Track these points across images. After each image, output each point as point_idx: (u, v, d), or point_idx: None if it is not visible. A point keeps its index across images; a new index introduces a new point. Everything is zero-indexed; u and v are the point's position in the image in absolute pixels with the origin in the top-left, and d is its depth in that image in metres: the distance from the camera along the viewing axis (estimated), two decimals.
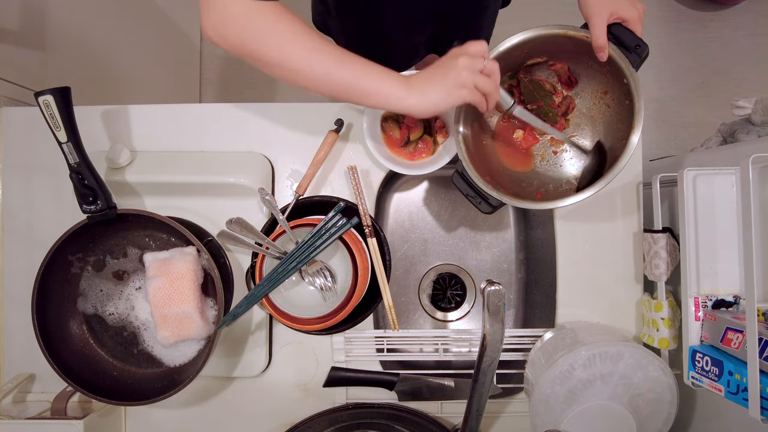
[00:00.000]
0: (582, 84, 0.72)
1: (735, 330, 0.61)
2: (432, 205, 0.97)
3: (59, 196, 0.78)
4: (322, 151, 0.75)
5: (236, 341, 0.77)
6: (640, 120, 0.60)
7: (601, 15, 0.60)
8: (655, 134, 1.73)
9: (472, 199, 0.69)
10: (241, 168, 0.76)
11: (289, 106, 0.80)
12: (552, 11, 1.75)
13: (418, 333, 0.78)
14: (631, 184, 0.78)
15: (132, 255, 0.75)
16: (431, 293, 0.97)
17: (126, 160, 0.75)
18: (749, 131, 0.95)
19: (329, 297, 0.72)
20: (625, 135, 0.61)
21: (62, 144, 0.66)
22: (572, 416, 0.66)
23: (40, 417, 0.73)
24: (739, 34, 1.75)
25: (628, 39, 0.62)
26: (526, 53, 0.68)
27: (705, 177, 0.67)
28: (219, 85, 1.81)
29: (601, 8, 0.60)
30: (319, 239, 0.68)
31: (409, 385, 0.77)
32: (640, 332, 0.76)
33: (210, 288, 0.75)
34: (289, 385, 0.78)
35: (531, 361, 0.73)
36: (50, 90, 0.64)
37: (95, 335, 0.74)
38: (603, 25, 0.60)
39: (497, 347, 0.52)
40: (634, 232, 0.77)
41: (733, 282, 0.67)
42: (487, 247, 0.97)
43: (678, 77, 1.74)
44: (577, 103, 0.73)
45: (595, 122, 0.72)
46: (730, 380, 0.60)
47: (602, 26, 0.60)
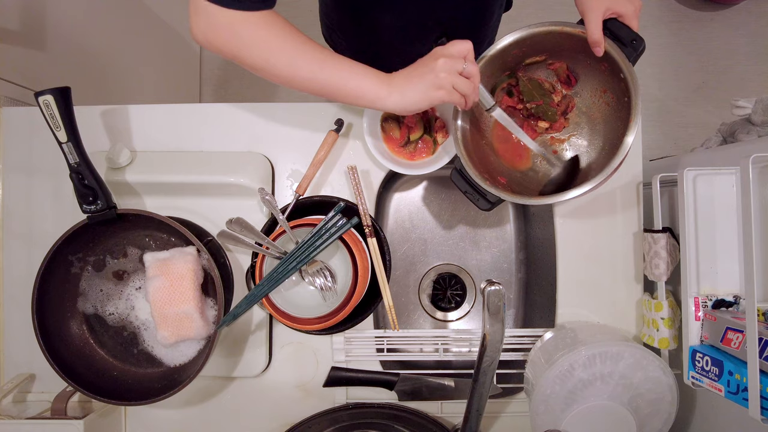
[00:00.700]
0: (582, 83, 0.71)
1: (735, 330, 0.61)
2: (432, 204, 0.97)
3: (59, 196, 0.78)
4: (322, 151, 0.75)
5: (236, 341, 0.77)
6: (637, 112, 0.60)
7: (597, 10, 0.60)
8: (655, 134, 1.73)
9: (470, 196, 0.70)
10: (241, 168, 0.76)
11: (289, 106, 0.80)
12: (553, 10, 1.75)
13: (418, 333, 0.78)
14: (631, 184, 0.78)
15: (132, 255, 0.75)
16: (431, 293, 0.97)
17: (126, 160, 0.75)
18: (749, 131, 0.96)
19: (329, 297, 0.72)
20: (624, 132, 0.61)
21: (62, 144, 0.66)
22: (572, 416, 0.66)
23: (40, 417, 0.73)
24: (739, 34, 1.75)
25: (625, 34, 0.61)
26: (524, 52, 0.68)
27: (705, 177, 0.67)
28: (219, 85, 1.81)
29: (596, 3, 0.60)
30: (319, 239, 0.68)
31: (409, 385, 0.77)
32: (640, 332, 0.76)
33: (210, 288, 0.75)
34: (289, 385, 0.78)
35: (531, 361, 0.73)
36: (50, 90, 0.64)
37: (95, 335, 0.74)
38: (598, 20, 0.60)
39: (497, 347, 0.52)
40: (634, 232, 0.77)
41: (733, 282, 0.67)
42: (487, 246, 0.97)
43: (678, 77, 1.74)
44: (577, 102, 0.73)
45: (595, 121, 0.72)
46: (730, 380, 0.60)
47: (597, 21, 0.60)
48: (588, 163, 0.72)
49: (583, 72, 0.70)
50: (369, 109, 0.75)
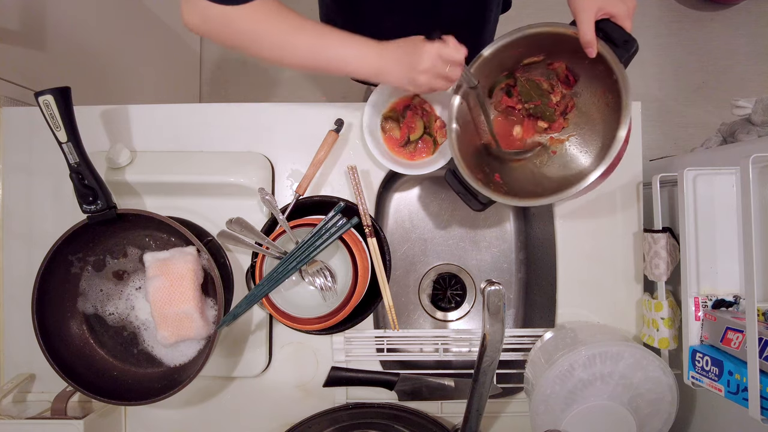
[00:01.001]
0: (582, 83, 0.71)
1: (735, 330, 0.61)
2: (432, 204, 0.97)
3: (59, 196, 0.78)
4: (322, 151, 0.75)
5: (236, 341, 0.77)
6: (627, 113, 0.59)
7: (588, 10, 0.59)
8: (655, 134, 1.73)
9: (462, 196, 0.71)
10: (241, 168, 0.76)
11: (289, 106, 0.80)
12: (553, 11, 1.74)
13: (418, 333, 0.78)
14: (630, 184, 0.78)
15: (132, 255, 0.75)
16: (431, 293, 0.97)
17: (126, 160, 0.75)
18: (749, 131, 0.96)
19: (329, 297, 0.72)
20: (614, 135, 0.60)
21: (62, 144, 0.66)
22: (572, 416, 0.66)
23: (40, 417, 0.73)
24: (739, 34, 1.75)
25: (617, 35, 0.60)
26: (521, 53, 0.68)
27: (705, 177, 0.67)
28: (219, 85, 1.81)
29: (588, 3, 0.59)
30: (319, 239, 0.68)
31: (409, 385, 0.77)
32: (640, 332, 0.76)
33: (210, 288, 0.75)
34: (289, 385, 0.78)
35: (531, 361, 0.73)
36: (50, 90, 0.64)
37: (95, 335, 0.74)
38: (590, 20, 0.59)
39: (497, 347, 0.52)
40: (634, 232, 0.77)
41: (733, 282, 0.67)
42: (487, 246, 0.97)
43: (678, 77, 1.74)
44: (577, 103, 0.73)
45: (595, 121, 0.72)
46: (730, 380, 0.60)
47: (590, 21, 0.59)
48: (587, 163, 0.72)
49: (583, 72, 0.70)
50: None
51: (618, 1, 0.60)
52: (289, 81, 1.80)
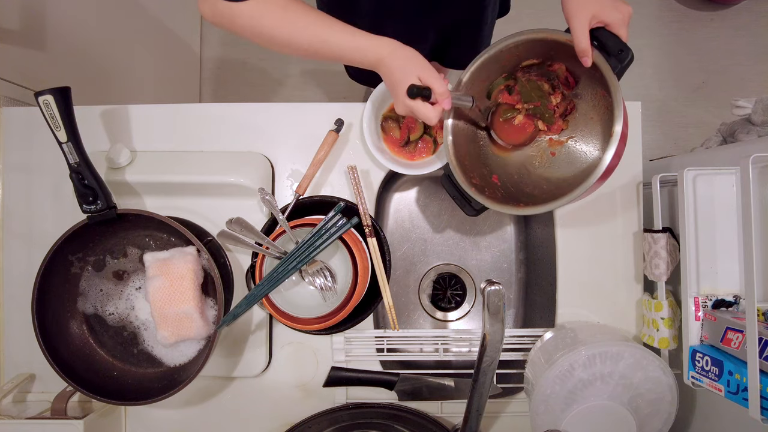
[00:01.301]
0: (582, 85, 0.71)
1: (735, 330, 0.61)
2: (432, 204, 0.97)
3: (59, 196, 0.78)
4: (322, 151, 0.75)
5: (236, 341, 0.77)
6: (619, 120, 0.58)
7: (581, 17, 0.57)
8: (655, 134, 1.72)
9: (457, 201, 0.71)
10: (241, 168, 0.76)
11: (289, 106, 0.80)
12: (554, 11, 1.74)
13: (418, 333, 0.78)
14: (630, 184, 0.78)
15: (132, 255, 0.75)
16: (431, 293, 0.97)
17: (126, 160, 0.75)
18: (749, 131, 0.95)
19: (329, 297, 0.72)
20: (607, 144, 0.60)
21: (62, 144, 0.66)
22: (572, 416, 0.66)
23: (40, 417, 0.73)
24: (739, 34, 1.75)
25: (612, 44, 0.58)
26: (518, 56, 0.68)
27: (705, 177, 0.67)
28: (219, 85, 1.81)
29: (580, 10, 0.57)
30: (319, 239, 0.68)
31: (409, 385, 0.77)
32: (640, 332, 0.76)
33: (210, 288, 0.75)
34: (289, 385, 0.78)
35: (531, 361, 0.73)
36: (50, 90, 0.64)
37: (95, 335, 0.74)
38: (584, 28, 0.57)
39: (497, 347, 0.52)
40: (634, 232, 0.77)
41: (733, 282, 0.67)
42: (487, 247, 0.97)
43: (678, 77, 1.74)
44: (577, 105, 0.73)
45: (594, 124, 0.72)
46: (730, 380, 0.60)
47: (583, 29, 0.57)
48: (585, 165, 0.71)
49: (584, 74, 0.70)
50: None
51: (612, 9, 0.57)
52: (289, 81, 1.80)
